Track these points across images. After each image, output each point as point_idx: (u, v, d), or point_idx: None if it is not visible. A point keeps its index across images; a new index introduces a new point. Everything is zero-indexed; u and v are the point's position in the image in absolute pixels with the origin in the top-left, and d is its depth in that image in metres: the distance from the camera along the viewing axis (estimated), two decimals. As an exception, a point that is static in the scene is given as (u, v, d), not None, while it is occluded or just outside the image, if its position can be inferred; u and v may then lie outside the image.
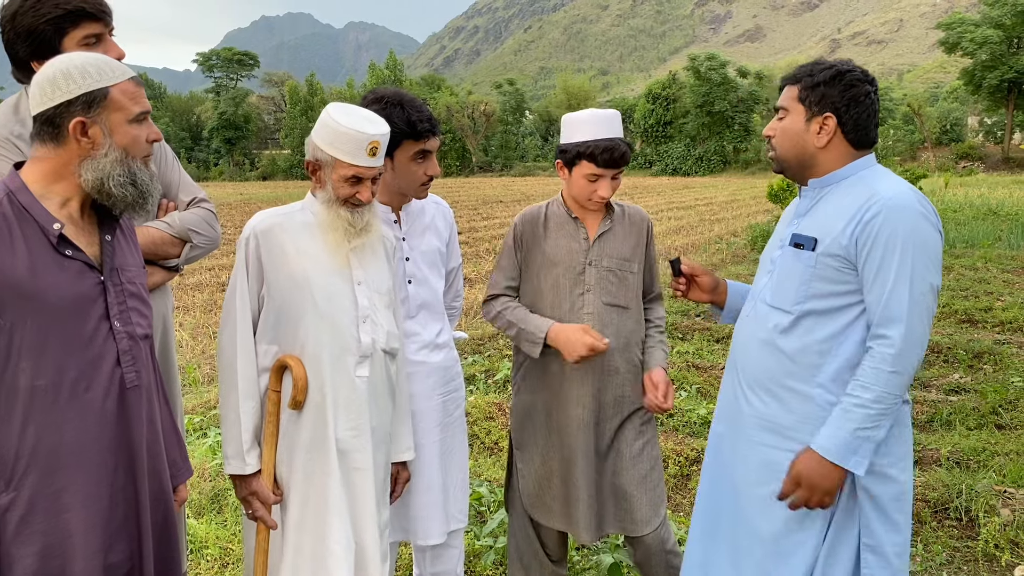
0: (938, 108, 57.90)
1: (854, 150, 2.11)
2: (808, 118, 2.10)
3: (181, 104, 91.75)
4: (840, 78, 2.07)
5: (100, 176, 1.72)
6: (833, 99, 2.07)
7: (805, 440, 2.07)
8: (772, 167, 2.25)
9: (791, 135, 2.13)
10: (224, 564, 3.58)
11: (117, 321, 1.78)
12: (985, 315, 8.39)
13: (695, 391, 6.09)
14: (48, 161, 1.73)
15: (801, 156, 2.14)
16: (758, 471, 2.18)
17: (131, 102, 1.76)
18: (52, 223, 1.69)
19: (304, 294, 2.20)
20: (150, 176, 1.82)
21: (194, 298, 10.91)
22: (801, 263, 2.09)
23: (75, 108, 1.70)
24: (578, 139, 2.55)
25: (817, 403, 2.07)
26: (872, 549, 2.04)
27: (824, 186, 2.13)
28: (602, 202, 2.59)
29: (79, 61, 1.73)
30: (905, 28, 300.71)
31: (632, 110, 69.92)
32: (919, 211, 1.97)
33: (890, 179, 2.06)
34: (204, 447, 4.86)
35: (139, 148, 1.79)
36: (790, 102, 2.14)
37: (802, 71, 2.14)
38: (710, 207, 26.11)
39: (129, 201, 1.77)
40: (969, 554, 3.67)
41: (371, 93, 2.49)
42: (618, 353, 2.64)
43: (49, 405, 1.68)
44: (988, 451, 4.67)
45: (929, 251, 1.96)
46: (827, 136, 2.09)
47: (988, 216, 18.01)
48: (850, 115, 2.07)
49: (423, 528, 2.60)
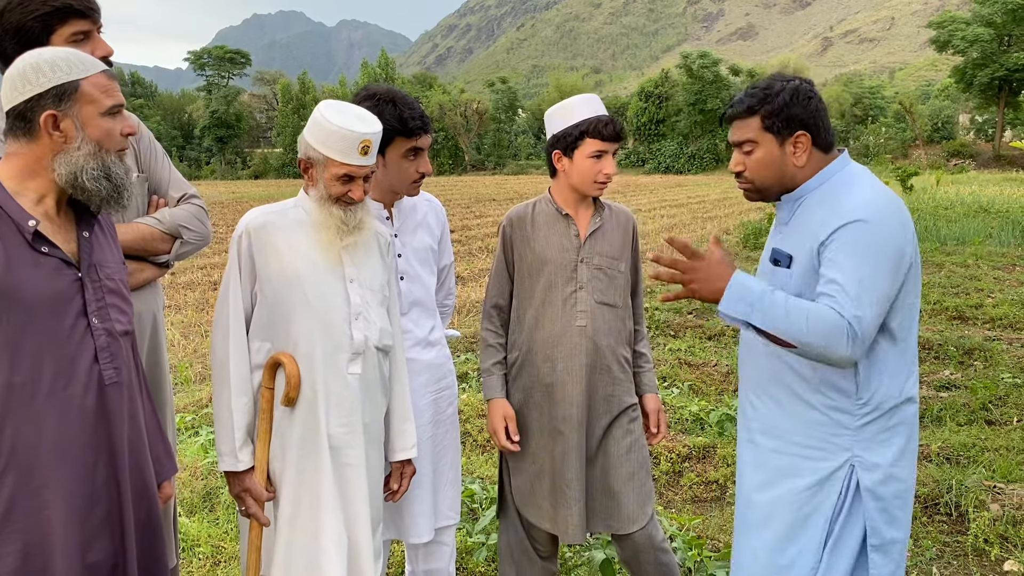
0: (929, 106, 58.05)
1: (824, 155, 2.10)
2: (780, 143, 2.08)
3: (172, 103, 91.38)
4: (796, 94, 2.05)
5: (73, 170, 1.72)
6: (800, 116, 2.05)
7: (799, 442, 2.07)
8: (748, 198, 2.20)
9: (769, 164, 2.10)
10: (216, 562, 3.57)
11: (95, 318, 1.77)
12: (975, 312, 8.43)
13: (687, 388, 6.10)
14: (21, 157, 1.72)
15: (783, 179, 2.11)
16: (761, 476, 2.17)
17: (103, 95, 1.75)
18: (27, 220, 1.69)
19: (296, 291, 2.20)
20: (124, 170, 1.81)
21: (186, 297, 10.87)
22: (779, 282, 2.09)
23: (46, 102, 1.69)
24: (575, 120, 2.56)
25: (818, 408, 2.05)
26: (879, 549, 2.03)
27: (797, 198, 2.12)
28: (607, 181, 2.59)
29: (48, 55, 1.72)
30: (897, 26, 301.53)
31: (625, 108, 69.89)
32: (883, 226, 1.93)
33: (860, 188, 2.02)
34: (196, 445, 4.85)
35: (112, 141, 1.78)
36: (755, 133, 2.09)
37: (753, 101, 2.08)
38: (703, 205, 26.15)
39: (103, 195, 1.76)
40: (959, 549, 3.69)
41: (363, 90, 2.49)
42: (609, 352, 2.64)
43: (27, 402, 1.67)
44: (978, 447, 4.70)
45: (886, 263, 1.91)
46: (804, 152, 2.07)
47: (979, 213, 18.07)
48: (817, 125, 2.07)
49: (413, 525, 2.60)
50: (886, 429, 2.04)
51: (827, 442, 2.05)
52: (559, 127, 2.60)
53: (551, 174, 2.71)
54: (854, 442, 2.04)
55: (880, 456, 2.03)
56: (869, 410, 2.02)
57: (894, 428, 2.05)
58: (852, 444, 2.04)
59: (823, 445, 2.06)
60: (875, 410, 2.02)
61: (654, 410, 2.78)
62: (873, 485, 2.02)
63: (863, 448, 2.03)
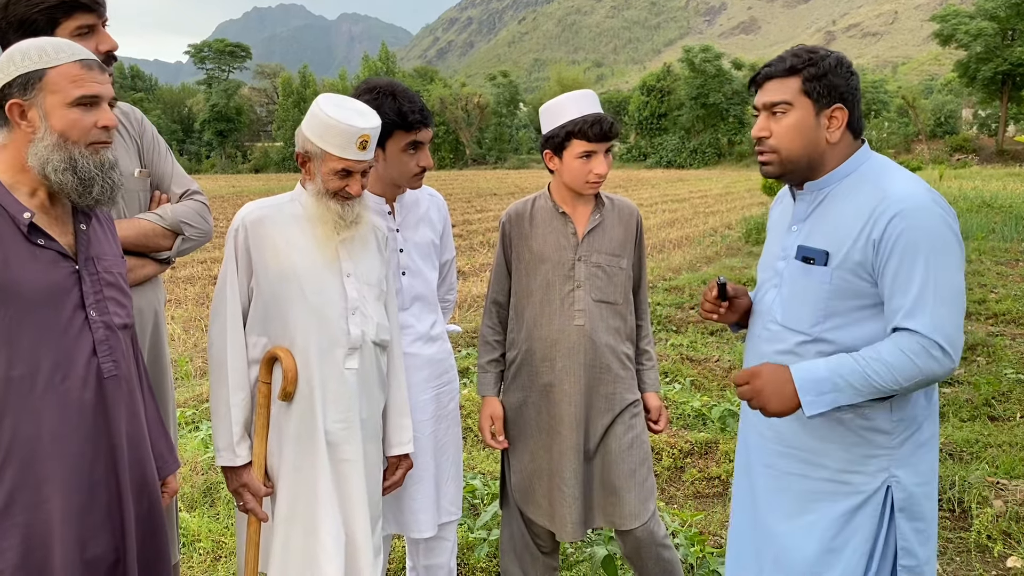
0: (932, 100, 57.84)
1: (854, 141, 1.96)
2: (817, 111, 1.90)
3: (172, 96, 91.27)
4: (841, 64, 1.90)
5: (41, 162, 1.69)
6: (840, 88, 1.89)
7: (831, 466, 1.94)
8: (766, 172, 2.01)
9: (801, 132, 1.91)
10: (216, 557, 3.57)
11: (93, 311, 1.75)
12: (979, 307, 8.40)
13: (689, 384, 6.09)
14: (8, 149, 1.71)
15: (812, 155, 1.93)
16: (782, 503, 2.03)
17: (71, 84, 1.70)
18: (22, 212, 1.68)
19: (292, 286, 2.19)
20: (98, 164, 1.75)
21: (186, 291, 10.87)
22: (814, 280, 1.92)
23: (12, 91, 1.68)
24: (563, 120, 2.52)
25: (848, 427, 1.92)
26: (911, 571, 1.93)
27: (822, 188, 1.96)
28: (599, 181, 2.55)
29: (24, 45, 1.71)
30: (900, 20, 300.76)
31: (626, 102, 69.83)
32: (938, 213, 1.81)
33: (899, 176, 1.89)
34: (196, 440, 4.84)
35: (79, 133, 1.72)
36: (793, 95, 1.91)
37: (799, 60, 1.91)
38: (704, 200, 26.11)
39: (68, 189, 1.71)
40: (962, 545, 3.68)
41: (364, 83, 2.47)
42: (608, 350, 2.62)
43: (25, 395, 1.66)
44: (981, 443, 4.69)
45: (952, 255, 1.80)
46: (838, 129, 1.91)
47: (982, 208, 18.03)
48: (854, 103, 1.92)
49: (415, 521, 2.59)
50: (920, 445, 1.93)
51: (863, 464, 1.92)
52: (548, 126, 2.57)
53: (549, 171, 2.69)
54: (891, 461, 1.91)
55: (916, 474, 1.92)
56: (905, 426, 1.90)
57: (927, 443, 1.94)
58: (889, 464, 1.91)
59: (857, 468, 1.92)
60: (910, 425, 1.91)
61: (655, 408, 2.77)
62: (908, 504, 1.91)
63: (899, 466, 1.91)
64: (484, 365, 2.76)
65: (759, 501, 2.09)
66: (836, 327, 1.92)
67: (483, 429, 2.73)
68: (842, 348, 1.90)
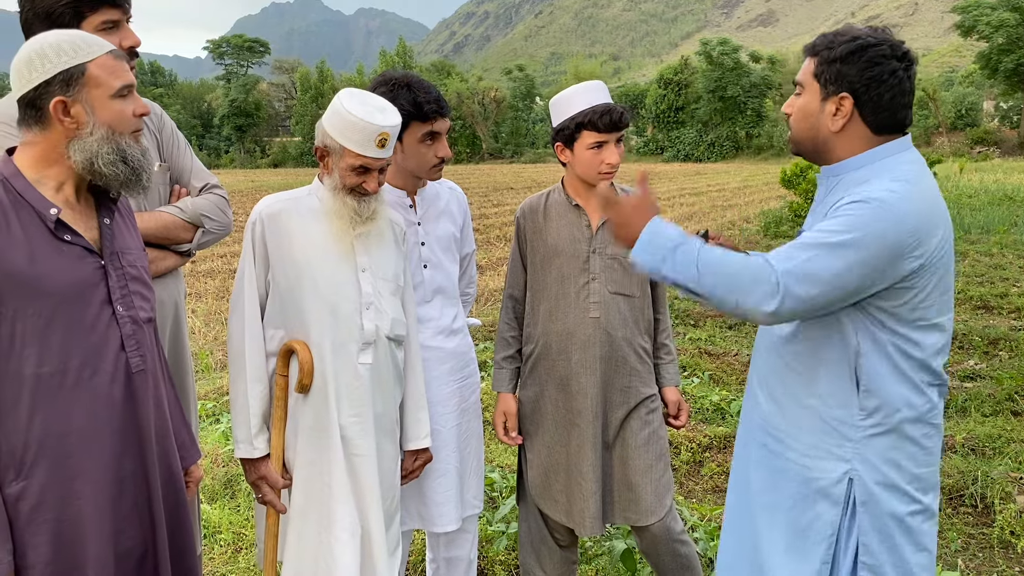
0: (953, 92, 57.22)
1: (873, 135, 1.85)
2: (823, 97, 1.86)
3: (192, 91, 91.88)
4: (861, 53, 1.80)
5: (89, 156, 1.69)
6: (851, 77, 1.81)
7: (796, 447, 1.92)
8: (790, 148, 2.03)
9: (806, 115, 1.90)
10: (237, 549, 3.60)
11: (120, 305, 1.76)
12: (1001, 301, 8.31)
13: (707, 378, 6.07)
14: (38, 145, 1.70)
15: (815, 140, 1.91)
16: (761, 475, 2.04)
17: (111, 76, 1.71)
18: (49, 208, 1.67)
19: (307, 280, 2.21)
20: (141, 151, 1.78)
21: (206, 285, 10.94)
22: None
23: (54, 88, 1.66)
24: (572, 112, 2.52)
25: (815, 414, 1.89)
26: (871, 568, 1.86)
27: (835, 175, 1.91)
28: (612, 171, 2.54)
29: (52, 39, 1.68)
30: (920, 11, 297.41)
31: (643, 95, 69.49)
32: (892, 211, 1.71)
33: (892, 174, 1.80)
34: (217, 433, 4.88)
35: (125, 123, 1.74)
36: (806, 77, 1.90)
37: (821, 41, 1.88)
38: (722, 193, 25.97)
39: (122, 179, 1.73)
40: (984, 541, 3.65)
41: (380, 76, 2.48)
42: (625, 343, 2.61)
43: (55, 392, 1.66)
44: (1004, 438, 4.64)
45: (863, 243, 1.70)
46: (843, 119, 1.84)
47: (1004, 202, 17.82)
48: (870, 96, 1.81)
49: (439, 514, 2.60)
50: (891, 447, 1.84)
51: (825, 452, 1.88)
52: (558, 118, 2.57)
53: (562, 164, 2.68)
54: (853, 454, 1.85)
55: (878, 472, 1.84)
56: (874, 422, 1.83)
57: (899, 447, 1.84)
58: (852, 456, 1.85)
59: (820, 455, 1.89)
60: (880, 424, 1.83)
61: (673, 402, 2.76)
62: (871, 500, 1.84)
63: (861, 461, 1.84)
64: (500, 361, 2.77)
65: (749, 470, 2.11)
66: None
67: (497, 426, 2.74)
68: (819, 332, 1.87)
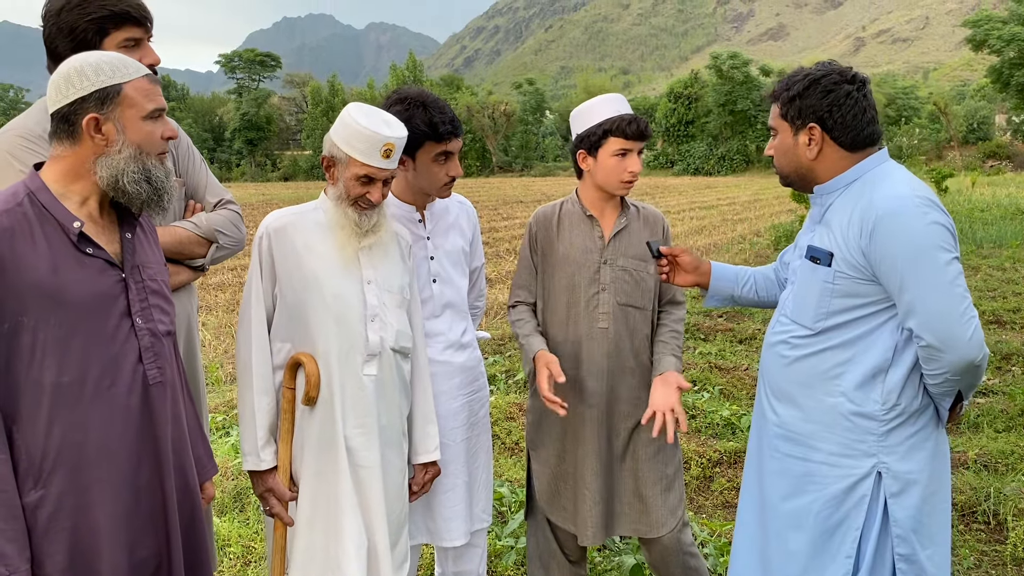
0: (965, 106, 57.10)
1: (850, 153, 2.05)
2: (795, 132, 2.07)
3: (203, 105, 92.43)
4: (815, 85, 2.02)
5: (115, 173, 1.74)
6: (813, 107, 2.02)
7: (824, 449, 2.04)
8: (780, 183, 2.23)
9: (784, 152, 2.11)
10: (247, 562, 3.60)
11: (139, 318, 1.79)
12: (1014, 316, 8.26)
13: (718, 392, 6.05)
14: (66, 160, 1.75)
15: (798, 171, 2.11)
16: (782, 485, 2.14)
17: (144, 99, 1.77)
18: (72, 221, 1.71)
19: (313, 292, 2.23)
20: (165, 173, 1.83)
21: (216, 298, 10.99)
22: (818, 279, 2.04)
23: (89, 105, 1.72)
24: (598, 120, 2.55)
25: (839, 412, 2.02)
26: (907, 559, 1.99)
27: (829, 192, 2.08)
28: (633, 179, 2.57)
29: (94, 59, 1.75)
30: (931, 26, 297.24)
31: (653, 109, 69.59)
32: (915, 212, 1.89)
33: (888, 182, 1.98)
34: (227, 446, 4.90)
35: (153, 145, 1.80)
36: (775, 120, 2.12)
37: (779, 87, 2.10)
38: (733, 207, 25.94)
39: (144, 198, 1.79)
40: (997, 558, 3.62)
41: (395, 93, 2.50)
42: (632, 355, 2.62)
43: (74, 402, 1.69)
44: (1017, 454, 4.60)
45: (938, 244, 1.88)
46: (817, 146, 2.04)
47: (1016, 216, 17.73)
48: (834, 119, 2.01)
49: (447, 529, 2.60)
50: (911, 436, 2.00)
51: (853, 448, 2.02)
52: (583, 127, 2.59)
53: (577, 175, 2.70)
54: (879, 448, 2.00)
55: (907, 463, 1.99)
56: (894, 415, 1.99)
57: (920, 435, 2.01)
58: (878, 450, 2.00)
59: (848, 452, 2.02)
60: (900, 415, 1.99)
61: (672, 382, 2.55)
62: (901, 492, 1.98)
63: (888, 454, 1.99)
64: (527, 335, 2.65)
65: (764, 482, 2.21)
66: (836, 324, 2.03)
67: (541, 381, 2.46)
68: (838, 344, 2.03)
